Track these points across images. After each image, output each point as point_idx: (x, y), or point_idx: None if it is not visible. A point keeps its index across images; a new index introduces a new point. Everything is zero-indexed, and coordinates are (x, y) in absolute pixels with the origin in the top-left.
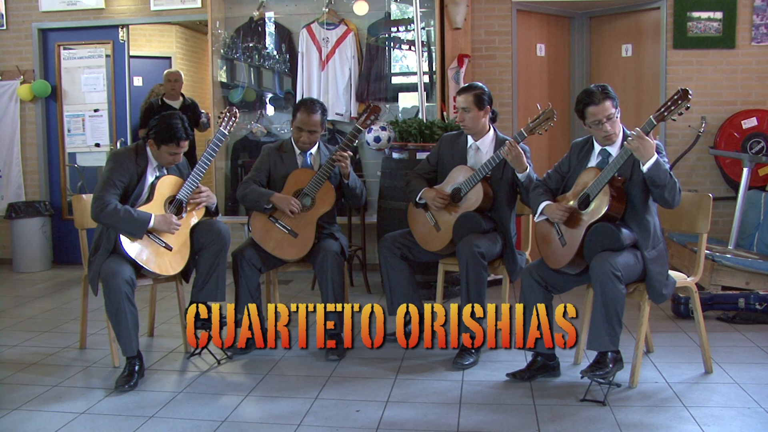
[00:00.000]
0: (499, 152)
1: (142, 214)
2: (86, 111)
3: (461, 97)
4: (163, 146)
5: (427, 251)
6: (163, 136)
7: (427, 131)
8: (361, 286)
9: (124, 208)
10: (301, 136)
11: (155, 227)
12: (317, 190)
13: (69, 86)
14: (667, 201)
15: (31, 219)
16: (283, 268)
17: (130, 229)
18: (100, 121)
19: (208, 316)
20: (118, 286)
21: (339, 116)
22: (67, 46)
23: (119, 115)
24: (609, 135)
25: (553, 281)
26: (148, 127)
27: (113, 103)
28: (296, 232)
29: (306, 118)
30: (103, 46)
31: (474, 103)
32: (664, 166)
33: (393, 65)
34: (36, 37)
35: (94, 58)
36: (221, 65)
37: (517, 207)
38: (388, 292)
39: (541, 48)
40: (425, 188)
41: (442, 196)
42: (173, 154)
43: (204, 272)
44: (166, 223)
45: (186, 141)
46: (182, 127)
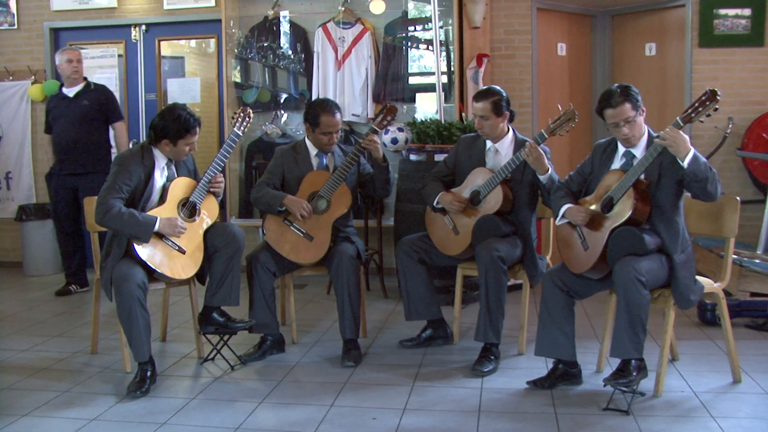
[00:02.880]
0: (519, 154)
1: (147, 218)
2: None
3: (479, 104)
4: (180, 141)
5: (445, 255)
6: (176, 132)
7: (446, 132)
8: (378, 291)
9: (128, 212)
10: (330, 139)
11: (161, 230)
12: (333, 192)
13: None
14: (710, 194)
15: (41, 221)
16: (298, 272)
17: (135, 232)
18: None
19: (222, 320)
20: (129, 290)
21: (355, 117)
22: (79, 46)
23: (132, 116)
24: (627, 138)
25: (574, 286)
26: (154, 129)
27: (126, 103)
28: (311, 235)
29: (331, 120)
30: (116, 46)
31: (492, 111)
32: (702, 158)
33: (410, 65)
34: (47, 37)
35: (106, 57)
36: (235, 65)
37: (538, 210)
38: (405, 297)
39: (562, 47)
40: (442, 192)
41: (459, 200)
42: (190, 144)
43: (218, 276)
44: (171, 227)
45: (198, 127)
46: (188, 115)
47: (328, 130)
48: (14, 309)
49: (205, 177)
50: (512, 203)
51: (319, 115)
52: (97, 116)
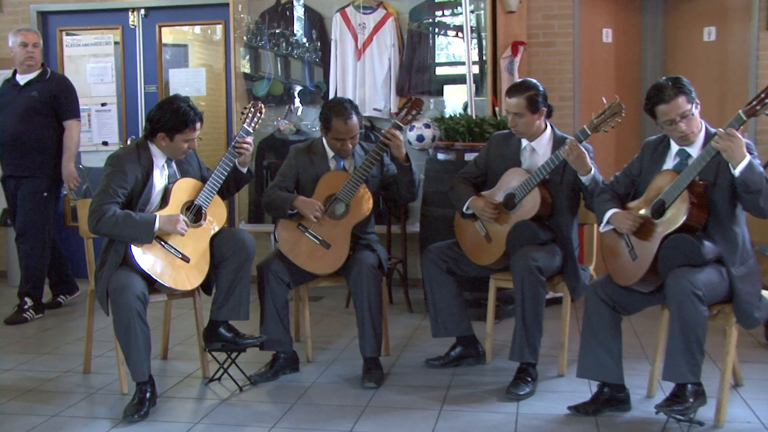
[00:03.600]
0: (559, 152)
1: (145, 216)
2: (92, 105)
3: (512, 100)
4: (177, 136)
5: (476, 265)
6: (174, 125)
7: (477, 129)
8: (402, 304)
9: (123, 213)
10: (344, 145)
11: (162, 228)
12: (352, 195)
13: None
14: (762, 210)
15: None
16: (314, 283)
17: (135, 234)
18: (108, 117)
19: (229, 336)
20: (127, 302)
21: (377, 112)
22: (71, 32)
23: (130, 110)
24: (685, 135)
25: (621, 300)
26: (150, 121)
27: (123, 96)
28: (329, 242)
29: (343, 127)
30: (112, 32)
31: (527, 108)
32: (759, 168)
33: (438, 54)
34: (35, 21)
35: (101, 45)
36: (244, 54)
37: (580, 215)
38: (432, 312)
39: (607, 33)
40: (473, 197)
41: (492, 207)
42: (189, 140)
43: (225, 287)
44: (172, 223)
45: (200, 122)
46: (189, 107)
47: (339, 137)
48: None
49: (212, 179)
50: (551, 207)
51: (330, 119)
52: (46, 111)
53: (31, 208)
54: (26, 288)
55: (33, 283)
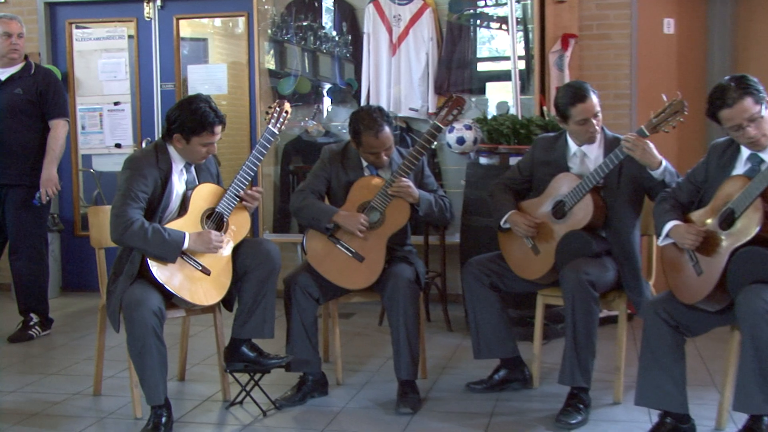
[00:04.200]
0: (617, 152)
1: (175, 234)
2: (104, 104)
3: (590, 101)
4: (194, 138)
5: (522, 279)
6: (192, 126)
7: (523, 131)
8: (440, 322)
9: (152, 227)
10: (378, 158)
11: (191, 248)
12: (388, 203)
13: (83, 74)
14: None
15: None
16: (345, 299)
17: (161, 252)
18: (121, 117)
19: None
20: (143, 319)
21: (413, 112)
22: (81, 25)
23: (145, 110)
24: (755, 140)
25: (685, 320)
26: (168, 120)
27: (138, 94)
28: (362, 254)
29: (374, 141)
30: (125, 25)
31: (599, 104)
32: None
33: (480, 48)
34: (42, 13)
35: (114, 39)
36: (268, 49)
37: (640, 224)
38: (473, 331)
39: (669, 24)
40: (512, 211)
41: (532, 225)
42: (207, 144)
43: (248, 302)
44: (204, 242)
45: (221, 126)
46: (210, 109)
47: (372, 151)
48: (2, 343)
49: (234, 184)
50: (605, 215)
51: (359, 132)
52: (31, 110)
53: (24, 219)
54: (29, 303)
55: (36, 298)
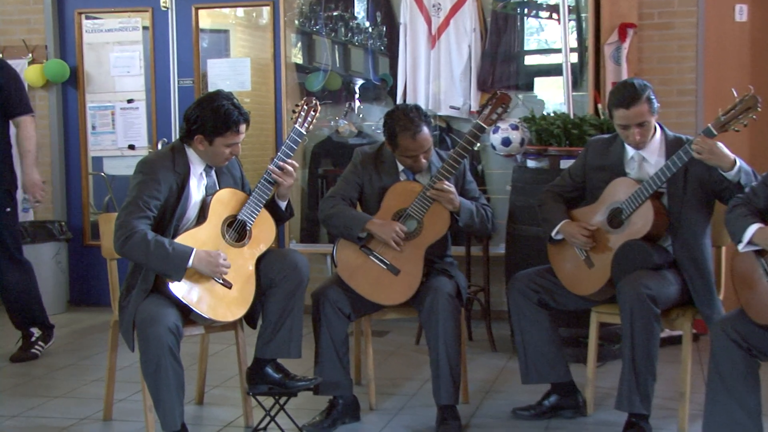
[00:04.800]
0: (681, 154)
1: (180, 249)
2: (116, 102)
3: (633, 110)
4: (217, 139)
5: (575, 295)
6: (215, 126)
7: (575, 131)
8: (484, 342)
9: (155, 239)
10: (416, 161)
11: (195, 267)
12: (426, 210)
13: (94, 68)
14: None
15: (40, 245)
16: (379, 315)
17: (164, 268)
18: (135, 116)
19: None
20: (158, 336)
21: (454, 111)
22: (91, 15)
23: (161, 108)
24: None
25: (759, 343)
26: (187, 120)
27: (153, 91)
28: (397, 267)
29: (412, 143)
30: (140, 15)
31: (649, 111)
32: None
33: (527, 40)
34: (49, 3)
35: (127, 30)
36: (296, 41)
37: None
38: (521, 352)
39: (741, 10)
40: (565, 221)
41: (588, 234)
42: (231, 145)
43: (273, 318)
44: (209, 264)
45: (245, 124)
46: (233, 106)
47: (409, 154)
48: (2, 361)
49: (258, 190)
50: (667, 224)
51: (395, 134)
52: None
53: None
54: (26, 317)
55: (33, 309)
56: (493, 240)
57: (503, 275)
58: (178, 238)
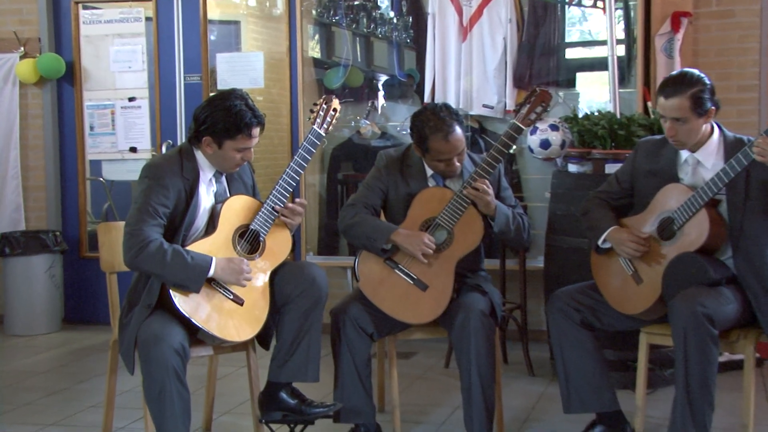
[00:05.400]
0: (740, 157)
1: (199, 258)
2: (117, 100)
3: (671, 101)
4: (227, 142)
5: (621, 314)
6: (225, 128)
7: (622, 132)
8: (520, 365)
9: (173, 249)
10: (449, 165)
11: (217, 276)
12: (456, 219)
13: (92, 63)
14: None
15: (33, 257)
16: (405, 335)
17: (182, 279)
18: (137, 115)
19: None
20: (162, 357)
21: (488, 110)
22: (89, 4)
23: (165, 107)
24: None
25: None
26: (196, 120)
27: (157, 88)
28: (425, 282)
29: (445, 146)
30: (142, 5)
31: (692, 110)
32: None
33: (569, 31)
34: None
35: (128, 22)
36: (313, 33)
37: None
38: (562, 378)
39: None
40: (613, 227)
41: (638, 241)
42: (242, 150)
43: (289, 339)
44: (233, 272)
45: (259, 127)
46: (247, 107)
47: (442, 158)
48: None
49: (272, 197)
50: (725, 235)
51: (425, 137)
52: None
53: None
54: None
55: None
56: (531, 252)
57: (542, 292)
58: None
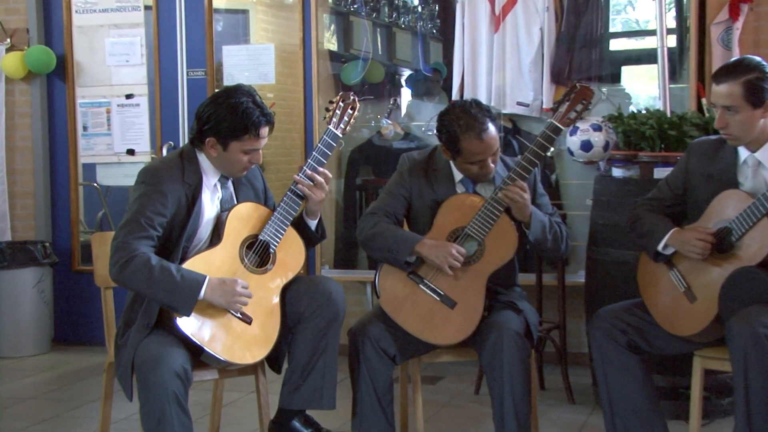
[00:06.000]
0: None
1: (190, 277)
2: (113, 97)
3: (722, 87)
4: (232, 143)
5: (672, 336)
6: (230, 128)
7: (673, 132)
8: (559, 391)
9: (160, 265)
10: (483, 167)
11: (207, 299)
12: (488, 229)
13: (85, 57)
14: None
15: (20, 270)
16: (431, 357)
17: (168, 300)
18: (135, 114)
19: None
20: (162, 382)
21: (522, 108)
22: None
23: (166, 105)
24: None
25: None
26: (200, 119)
27: (157, 84)
28: (454, 298)
29: (478, 146)
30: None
31: (744, 98)
32: None
33: (613, 21)
34: None
35: (126, 11)
36: (329, 23)
37: None
38: (606, 405)
39: None
40: (674, 229)
41: (706, 238)
42: (250, 151)
43: (302, 361)
44: (225, 294)
45: (268, 127)
46: (254, 105)
47: (476, 159)
48: None
49: (283, 204)
50: None
51: (456, 138)
52: None
53: None
54: None
55: None
56: (571, 266)
57: (583, 310)
58: (187, 263)
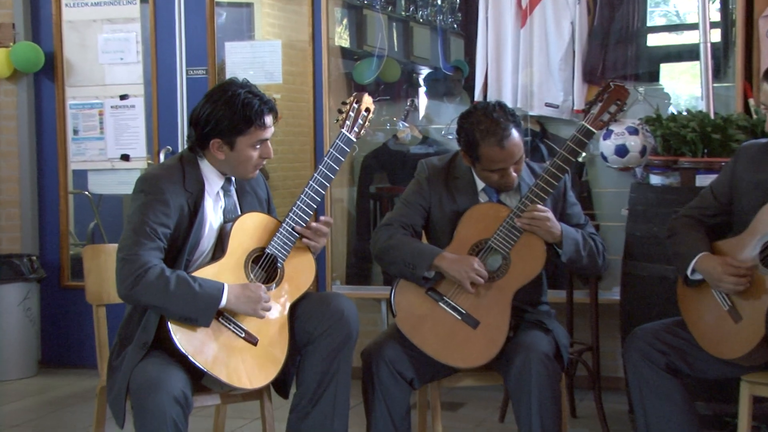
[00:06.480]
0: None
1: (209, 286)
2: (106, 98)
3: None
4: (239, 139)
5: (716, 359)
6: (232, 124)
7: (717, 136)
8: (592, 419)
9: (177, 276)
10: (504, 176)
11: (230, 306)
12: (514, 242)
13: (76, 54)
14: None
15: (4, 286)
16: (451, 382)
17: (189, 311)
18: (130, 116)
19: None
20: (159, 407)
21: (552, 109)
22: None
23: (164, 106)
24: None
25: None
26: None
27: (154, 84)
28: (476, 317)
29: (499, 153)
30: None
31: None
32: None
33: (651, 14)
34: None
35: (120, 5)
36: (341, 18)
37: None
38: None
39: None
40: (703, 254)
41: (738, 273)
42: (259, 143)
43: (312, 385)
44: (250, 300)
45: (271, 114)
46: (252, 94)
47: (496, 168)
48: None
49: (292, 215)
50: None
51: (476, 143)
52: None
53: None
54: None
55: None
56: (604, 282)
57: (618, 330)
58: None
